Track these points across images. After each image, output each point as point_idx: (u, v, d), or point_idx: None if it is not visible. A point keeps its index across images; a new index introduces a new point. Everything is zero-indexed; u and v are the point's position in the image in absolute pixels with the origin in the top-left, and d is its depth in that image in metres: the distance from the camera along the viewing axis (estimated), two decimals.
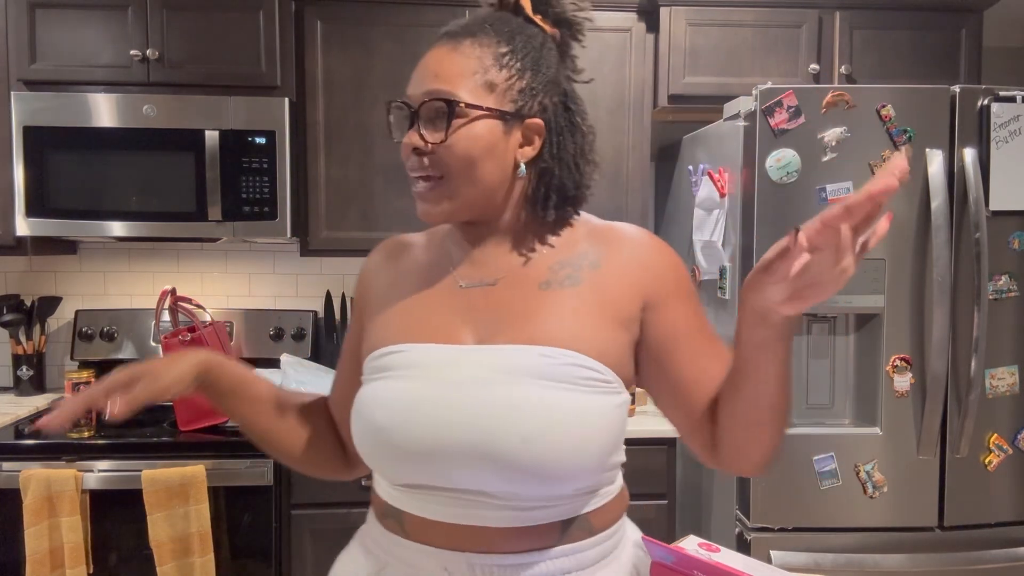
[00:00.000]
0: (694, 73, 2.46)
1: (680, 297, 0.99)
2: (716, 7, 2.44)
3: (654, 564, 0.96)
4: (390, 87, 2.44)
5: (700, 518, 2.45)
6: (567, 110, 0.99)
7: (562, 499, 0.91)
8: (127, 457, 2.08)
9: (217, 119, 2.29)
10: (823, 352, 2.12)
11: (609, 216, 1.09)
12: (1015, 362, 2.05)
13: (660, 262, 0.99)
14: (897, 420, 2.03)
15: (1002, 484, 2.06)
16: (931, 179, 1.97)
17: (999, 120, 1.98)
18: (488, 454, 0.85)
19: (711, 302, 2.29)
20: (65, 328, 2.78)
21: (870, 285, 2.01)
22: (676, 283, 0.99)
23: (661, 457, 2.27)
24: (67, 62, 2.31)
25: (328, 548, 2.21)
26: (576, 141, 0.99)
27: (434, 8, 2.44)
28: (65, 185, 2.28)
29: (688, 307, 0.99)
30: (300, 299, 2.84)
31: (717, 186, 2.17)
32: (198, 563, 2.02)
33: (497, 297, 0.96)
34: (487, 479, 0.87)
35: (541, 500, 0.89)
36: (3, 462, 2.05)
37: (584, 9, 1.03)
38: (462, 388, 0.89)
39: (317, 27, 2.42)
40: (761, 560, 1.49)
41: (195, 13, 2.33)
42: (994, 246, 2.00)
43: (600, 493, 0.96)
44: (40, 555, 1.97)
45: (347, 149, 2.46)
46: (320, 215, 2.46)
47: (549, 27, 1.01)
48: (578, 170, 1.00)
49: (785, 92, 1.96)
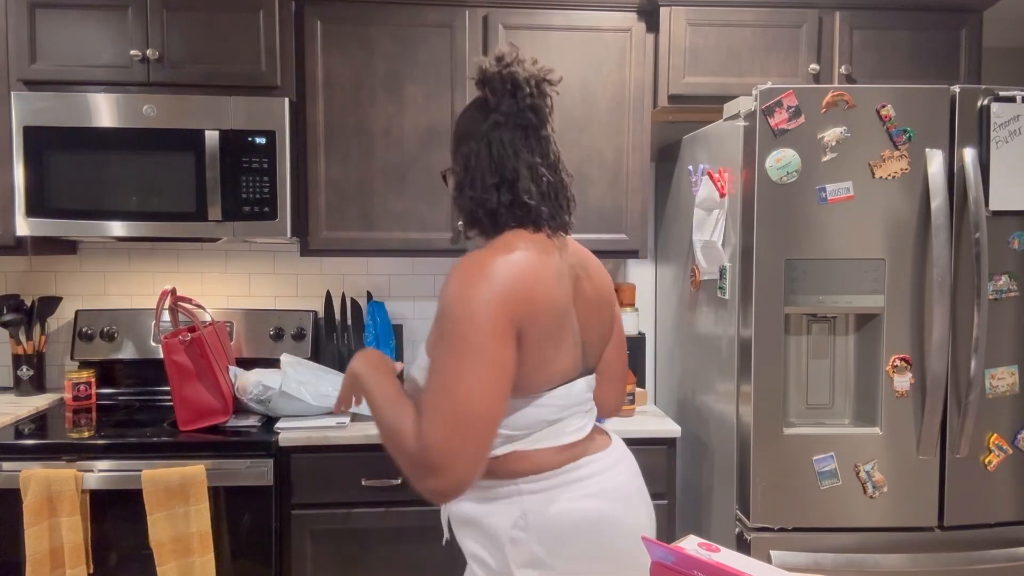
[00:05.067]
0: (694, 73, 2.47)
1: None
2: (716, 7, 2.44)
3: (654, 564, 0.96)
4: (390, 87, 2.44)
5: (700, 518, 2.45)
6: (489, 149, 1.25)
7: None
8: (127, 457, 2.08)
9: (217, 119, 2.30)
10: (823, 352, 2.12)
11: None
12: (1015, 362, 2.05)
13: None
14: (897, 420, 2.03)
15: (1002, 484, 2.06)
16: (931, 179, 1.97)
17: (999, 120, 1.98)
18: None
19: (711, 302, 2.29)
20: (65, 328, 2.78)
21: (870, 285, 2.01)
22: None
23: (661, 457, 2.27)
24: (67, 62, 2.31)
25: (328, 548, 2.21)
26: (481, 171, 1.25)
27: (434, 8, 2.44)
28: (65, 185, 2.28)
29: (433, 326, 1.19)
30: (300, 299, 2.84)
31: (717, 186, 2.17)
32: (198, 563, 2.02)
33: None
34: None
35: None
36: (3, 462, 2.05)
37: (509, 66, 1.26)
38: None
39: (317, 27, 2.42)
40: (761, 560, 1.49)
41: (195, 13, 2.33)
42: (994, 246, 2.00)
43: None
44: (40, 555, 1.98)
45: (347, 149, 2.46)
46: (320, 215, 2.46)
47: (480, 91, 1.28)
48: (479, 198, 1.25)
49: (785, 92, 1.96)
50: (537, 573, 1.22)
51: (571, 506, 1.23)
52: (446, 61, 2.45)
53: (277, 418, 2.32)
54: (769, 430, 2.02)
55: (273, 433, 2.18)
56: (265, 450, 2.13)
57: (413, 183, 2.48)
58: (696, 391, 2.47)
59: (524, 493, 1.23)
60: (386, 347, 2.65)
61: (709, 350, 2.32)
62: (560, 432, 1.26)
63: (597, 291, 1.35)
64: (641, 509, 1.32)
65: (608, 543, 1.25)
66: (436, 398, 1.10)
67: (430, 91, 2.45)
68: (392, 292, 2.88)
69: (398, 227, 2.49)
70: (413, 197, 2.48)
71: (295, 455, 2.18)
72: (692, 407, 2.50)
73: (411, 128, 2.47)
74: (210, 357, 2.24)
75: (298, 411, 2.31)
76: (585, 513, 1.23)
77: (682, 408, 2.61)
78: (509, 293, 1.13)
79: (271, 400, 2.30)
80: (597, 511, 1.24)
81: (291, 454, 2.18)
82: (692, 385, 2.51)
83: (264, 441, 2.14)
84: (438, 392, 1.10)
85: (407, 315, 2.88)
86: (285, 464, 2.18)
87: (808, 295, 2.00)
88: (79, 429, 2.22)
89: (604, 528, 1.24)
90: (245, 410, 2.36)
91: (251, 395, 2.31)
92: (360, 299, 2.83)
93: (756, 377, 2.01)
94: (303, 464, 2.19)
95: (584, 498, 1.24)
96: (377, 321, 2.66)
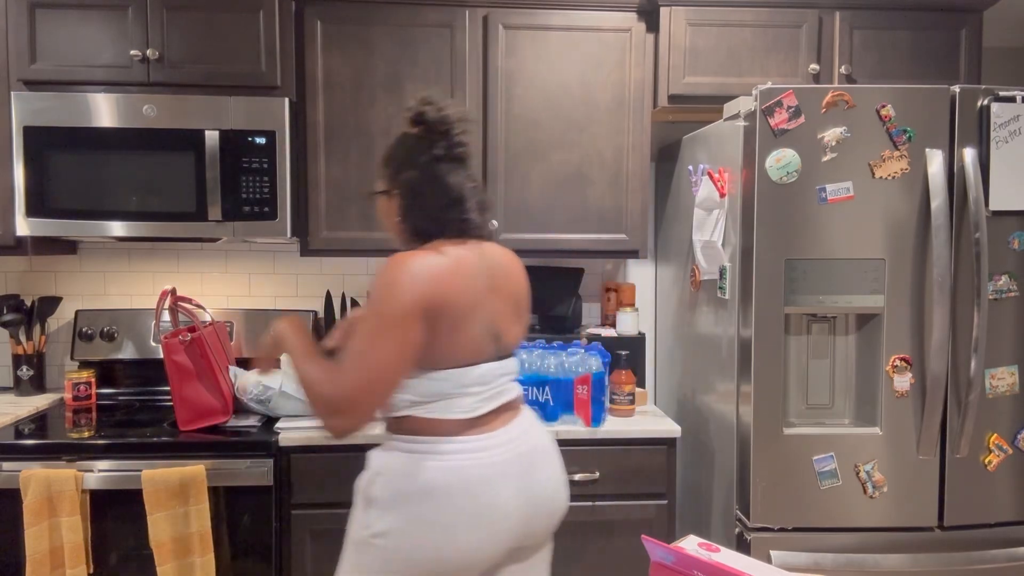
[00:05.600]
0: (694, 73, 2.47)
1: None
2: (716, 7, 2.44)
3: (654, 564, 0.96)
4: (390, 87, 2.44)
5: (700, 518, 2.45)
6: (424, 177, 1.53)
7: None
8: (127, 457, 2.09)
9: (217, 119, 2.30)
10: (823, 352, 2.12)
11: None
12: (1015, 362, 2.05)
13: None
14: (897, 420, 2.03)
15: (1002, 484, 2.06)
16: (931, 179, 1.97)
17: (999, 120, 1.98)
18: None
19: (711, 302, 2.29)
20: (65, 328, 2.78)
21: (870, 285, 2.01)
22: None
23: (661, 457, 2.27)
24: (67, 62, 2.31)
25: (328, 548, 2.21)
26: (431, 195, 1.53)
27: (434, 8, 2.44)
28: (65, 185, 2.28)
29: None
30: (300, 299, 2.84)
31: (717, 186, 2.17)
32: (198, 563, 2.02)
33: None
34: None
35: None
36: (3, 462, 2.05)
37: (443, 109, 1.55)
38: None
39: (317, 27, 2.43)
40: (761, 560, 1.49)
41: (195, 13, 2.33)
42: (994, 246, 2.00)
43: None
44: (40, 555, 1.98)
45: (347, 149, 2.46)
46: (320, 215, 2.46)
47: (415, 129, 1.57)
48: (432, 215, 1.52)
49: (785, 92, 1.96)
50: (375, 510, 1.46)
51: (424, 472, 1.44)
52: (446, 61, 2.46)
53: (277, 418, 2.32)
54: (769, 430, 2.02)
55: (273, 433, 2.18)
56: (265, 450, 2.13)
57: None
58: (696, 391, 2.47)
59: (403, 450, 1.47)
60: None
61: (709, 350, 2.32)
62: (452, 407, 1.46)
63: (515, 289, 1.61)
64: (500, 498, 1.45)
65: (434, 518, 1.42)
66: (354, 358, 1.39)
67: (430, 91, 2.45)
68: None
69: None
70: None
71: (295, 455, 2.18)
72: (692, 407, 2.51)
73: None
74: (210, 357, 2.24)
75: (298, 411, 2.31)
76: (428, 482, 1.43)
77: (682, 408, 2.61)
78: (425, 287, 1.40)
79: (271, 400, 2.30)
80: (441, 484, 1.42)
81: (291, 454, 2.18)
82: (692, 385, 2.51)
83: (264, 441, 2.14)
84: (356, 354, 1.39)
85: None
86: (285, 464, 2.18)
87: (808, 295, 2.00)
88: (79, 429, 2.22)
89: (437, 502, 1.42)
90: (245, 410, 2.36)
91: (251, 395, 2.31)
92: (360, 299, 2.83)
93: (756, 377, 2.01)
94: (303, 464, 2.19)
95: (436, 469, 1.43)
96: None
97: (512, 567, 1.56)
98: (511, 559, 1.55)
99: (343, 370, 1.39)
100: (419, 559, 1.42)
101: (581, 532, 2.26)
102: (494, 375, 1.52)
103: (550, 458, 1.60)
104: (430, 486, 1.42)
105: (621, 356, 2.38)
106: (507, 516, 1.47)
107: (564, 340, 2.54)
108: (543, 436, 1.61)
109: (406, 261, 1.42)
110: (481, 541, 1.44)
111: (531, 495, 1.51)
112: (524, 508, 1.50)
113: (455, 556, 1.43)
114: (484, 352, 1.50)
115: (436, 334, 1.42)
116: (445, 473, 1.43)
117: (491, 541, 1.45)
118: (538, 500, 1.53)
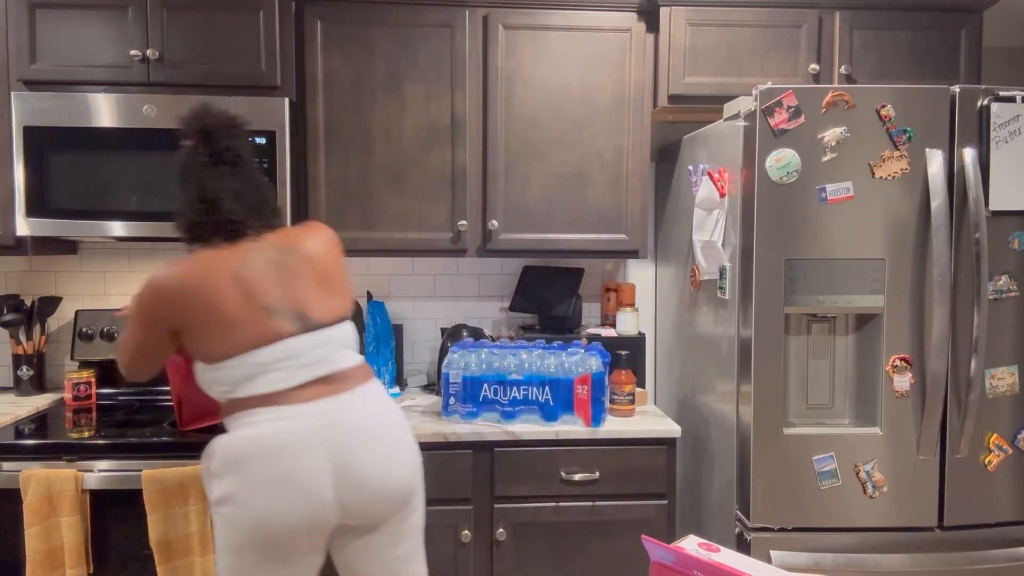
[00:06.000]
0: (694, 73, 2.47)
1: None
2: (716, 7, 2.44)
3: (654, 564, 0.96)
4: (390, 87, 2.44)
5: (700, 518, 2.45)
6: (186, 184, 1.71)
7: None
8: (127, 457, 2.08)
9: None
10: (823, 352, 2.12)
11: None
12: (1015, 362, 2.05)
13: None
14: (897, 420, 2.03)
15: (1002, 484, 2.06)
16: (931, 179, 1.97)
17: (999, 120, 1.98)
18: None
19: (711, 302, 2.30)
20: (65, 328, 2.78)
21: (870, 285, 2.01)
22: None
23: (661, 457, 2.27)
24: (67, 62, 2.31)
25: None
26: (191, 201, 1.70)
27: (434, 8, 2.44)
28: (65, 185, 2.28)
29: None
30: None
31: (717, 186, 2.17)
32: (198, 563, 2.02)
33: None
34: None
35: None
36: (3, 462, 2.05)
37: (203, 119, 1.70)
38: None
39: (317, 27, 2.43)
40: (761, 560, 1.49)
41: (195, 13, 2.33)
42: (994, 246, 2.00)
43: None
44: (40, 555, 1.98)
45: (347, 149, 2.46)
46: (320, 215, 2.46)
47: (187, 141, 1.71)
48: (193, 221, 1.69)
49: (785, 92, 1.96)
50: (212, 482, 1.63)
51: (232, 443, 1.60)
52: (446, 61, 2.46)
53: None
54: (769, 430, 2.02)
55: None
56: None
57: (413, 183, 2.48)
58: (696, 391, 2.47)
59: (227, 429, 1.66)
60: (386, 347, 2.65)
61: (709, 350, 2.32)
62: (256, 385, 1.62)
63: (319, 266, 1.72)
64: (301, 466, 1.56)
65: (243, 484, 1.56)
66: (120, 340, 1.73)
67: (430, 91, 2.46)
68: (392, 292, 2.88)
69: (398, 227, 2.49)
70: (413, 197, 2.48)
71: None
72: (692, 407, 2.51)
73: (411, 128, 2.47)
74: None
75: None
76: (235, 451, 1.58)
77: (682, 408, 2.61)
78: (162, 306, 1.63)
79: None
80: (244, 452, 1.57)
81: None
82: (692, 385, 2.51)
83: None
84: (121, 338, 1.73)
85: (407, 315, 2.88)
86: None
87: (808, 295, 2.00)
88: (79, 429, 2.22)
89: (243, 469, 1.56)
90: None
91: None
92: (360, 299, 2.83)
93: (756, 377, 2.02)
94: None
95: (241, 439, 1.59)
96: (377, 321, 2.66)
97: (363, 540, 1.68)
98: (356, 534, 1.67)
99: (117, 345, 1.78)
100: (244, 521, 1.56)
101: (581, 532, 2.26)
102: (304, 347, 1.64)
103: (380, 434, 1.65)
104: (236, 455, 1.57)
105: (621, 356, 2.38)
106: (313, 484, 1.57)
107: (564, 340, 2.54)
108: (376, 412, 1.68)
109: (150, 283, 1.63)
110: (287, 505, 1.55)
111: (348, 468, 1.60)
112: (337, 480, 1.59)
113: (267, 518, 1.55)
114: (278, 332, 1.63)
115: (199, 335, 1.62)
116: (248, 442, 1.57)
117: (299, 507, 1.55)
118: (356, 474, 1.60)
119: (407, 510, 1.71)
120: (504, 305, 2.90)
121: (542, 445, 2.24)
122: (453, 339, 2.63)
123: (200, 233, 1.69)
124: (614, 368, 2.39)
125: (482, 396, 2.30)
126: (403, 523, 1.71)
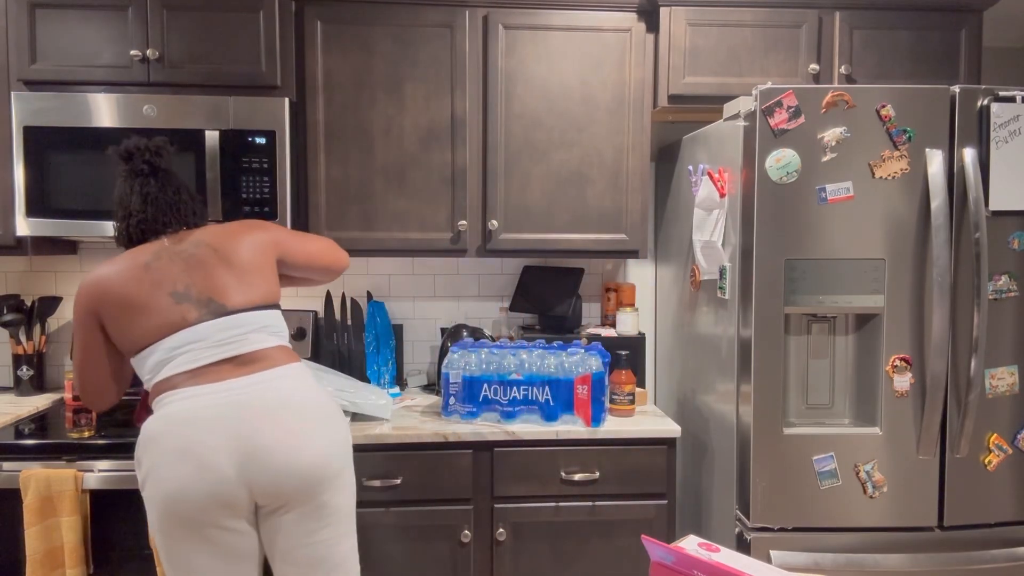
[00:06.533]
0: (694, 73, 2.47)
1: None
2: (716, 7, 2.45)
3: (654, 564, 0.96)
4: (390, 87, 2.44)
5: (700, 518, 2.45)
6: (120, 193, 1.88)
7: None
8: (127, 457, 2.08)
9: (217, 119, 2.30)
10: (823, 352, 2.12)
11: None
12: (1015, 362, 2.05)
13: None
14: (897, 420, 2.03)
15: (1002, 484, 2.06)
16: (931, 179, 1.97)
17: (999, 120, 1.98)
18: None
19: (711, 302, 2.30)
20: (65, 328, 2.78)
21: (870, 285, 2.01)
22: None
23: (661, 457, 2.27)
24: (67, 62, 2.31)
25: None
26: (114, 210, 1.89)
27: (434, 8, 2.44)
28: (65, 185, 2.28)
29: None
30: (300, 299, 2.84)
31: (717, 186, 2.17)
32: None
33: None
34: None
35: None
36: (3, 462, 2.06)
37: (130, 144, 1.87)
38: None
39: (317, 27, 2.43)
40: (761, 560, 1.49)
41: (195, 13, 2.33)
42: (994, 246, 2.00)
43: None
44: (40, 555, 1.98)
45: (347, 149, 2.46)
46: (320, 215, 2.46)
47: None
48: (116, 227, 1.88)
49: (785, 92, 1.96)
50: (137, 464, 1.72)
51: (150, 423, 1.69)
52: (446, 61, 2.46)
53: None
54: (769, 430, 2.02)
55: None
56: None
57: (413, 183, 2.48)
58: (696, 391, 2.47)
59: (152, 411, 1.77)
60: (386, 347, 2.65)
61: (709, 350, 2.32)
62: (168, 369, 1.72)
63: (236, 258, 1.82)
64: (204, 440, 1.64)
65: (153, 458, 1.65)
66: (73, 362, 1.84)
67: (430, 91, 2.46)
68: (392, 292, 2.88)
69: (398, 227, 2.49)
70: (413, 197, 2.48)
71: None
72: (692, 407, 2.51)
73: (411, 128, 2.47)
74: None
75: None
76: (149, 430, 1.68)
77: (682, 408, 2.61)
78: (87, 300, 1.76)
79: None
80: (155, 429, 1.67)
81: None
82: (692, 385, 2.51)
83: None
84: (74, 359, 1.84)
85: (407, 315, 2.89)
86: None
87: (808, 295, 2.00)
88: (79, 429, 2.22)
89: (152, 444, 1.66)
90: None
91: None
92: (360, 299, 2.83)
93: (756, 377, 2.02)
94: None
95: (155, 418, 1.69)
96: (377, 321, 2.66)
97: (281, 520, 1.71)
98: (276, 514, 1.70)
99: (73, 368, 1.87)
100: (156, 497, 1.64)
101: (581, 532, 2.26)
102: (211, 331, 1.73)
103: (290, 413, 1.70)
104: (148, 435, 1.67)
105: (621, 356, 2.38)
106: (214, 459, 1.63)
107: (564, 340, 2.54)
108: (288, 392, 1.73)
109: (81, 284, 1.79)
110: (188, 479, 1.62)
111: (251, 445, 1.64)
112: (241, 456, 1.64)
113: (173, 491, 1.62)
114: (185, 317, 1.73)
115: (119, 326, 1.75)
116: (159, 420, 1.68)
117: (200, 479, 1.62)
118: (259, 451, 1.65)
119: (327, 491, 1.71)
120: (504, 305, 2.90)
121: (542, 445, 2.24)
122: (453, 339, 2.63)
123: (121, 237, 1.87)
124: (614, 368, 2.39)
125: (482, 396, 2.30)
126: (324, 506, 1.71)
